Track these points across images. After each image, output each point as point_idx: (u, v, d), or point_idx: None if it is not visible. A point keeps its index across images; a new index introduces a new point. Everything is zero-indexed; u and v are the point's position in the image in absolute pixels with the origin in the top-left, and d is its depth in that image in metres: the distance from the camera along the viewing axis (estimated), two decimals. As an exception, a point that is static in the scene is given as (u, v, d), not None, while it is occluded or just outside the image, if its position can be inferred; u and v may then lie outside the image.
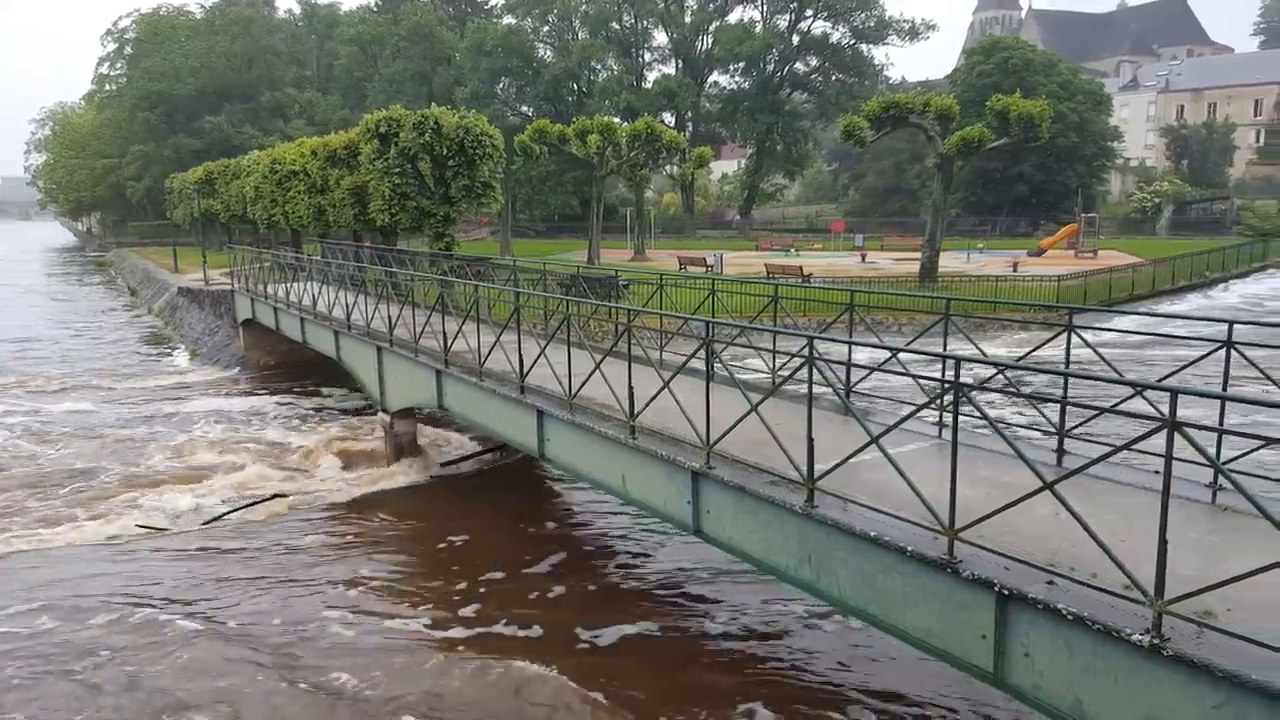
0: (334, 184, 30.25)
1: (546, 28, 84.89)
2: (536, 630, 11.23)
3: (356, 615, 11.70)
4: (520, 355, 11.84)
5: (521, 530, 14.69)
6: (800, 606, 11.49)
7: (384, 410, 17.26)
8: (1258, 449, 7.10)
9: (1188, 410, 5.00)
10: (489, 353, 12.75)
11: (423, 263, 23.88)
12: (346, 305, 18.52)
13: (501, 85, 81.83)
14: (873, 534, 6.91)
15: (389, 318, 16.26)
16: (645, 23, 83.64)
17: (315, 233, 33.81)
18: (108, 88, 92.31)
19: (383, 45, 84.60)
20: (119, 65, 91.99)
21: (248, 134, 75.23)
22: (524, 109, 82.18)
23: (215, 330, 32.21)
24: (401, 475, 17.00)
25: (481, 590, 12.40)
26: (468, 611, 11.77)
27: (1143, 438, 5.37)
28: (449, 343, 13.96)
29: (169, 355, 32.22)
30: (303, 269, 23.42)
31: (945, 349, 8.56)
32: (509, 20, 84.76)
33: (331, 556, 13.74)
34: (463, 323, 13.70)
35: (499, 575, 12.90)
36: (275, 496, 16.15)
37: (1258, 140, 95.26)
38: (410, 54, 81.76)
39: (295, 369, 26.34)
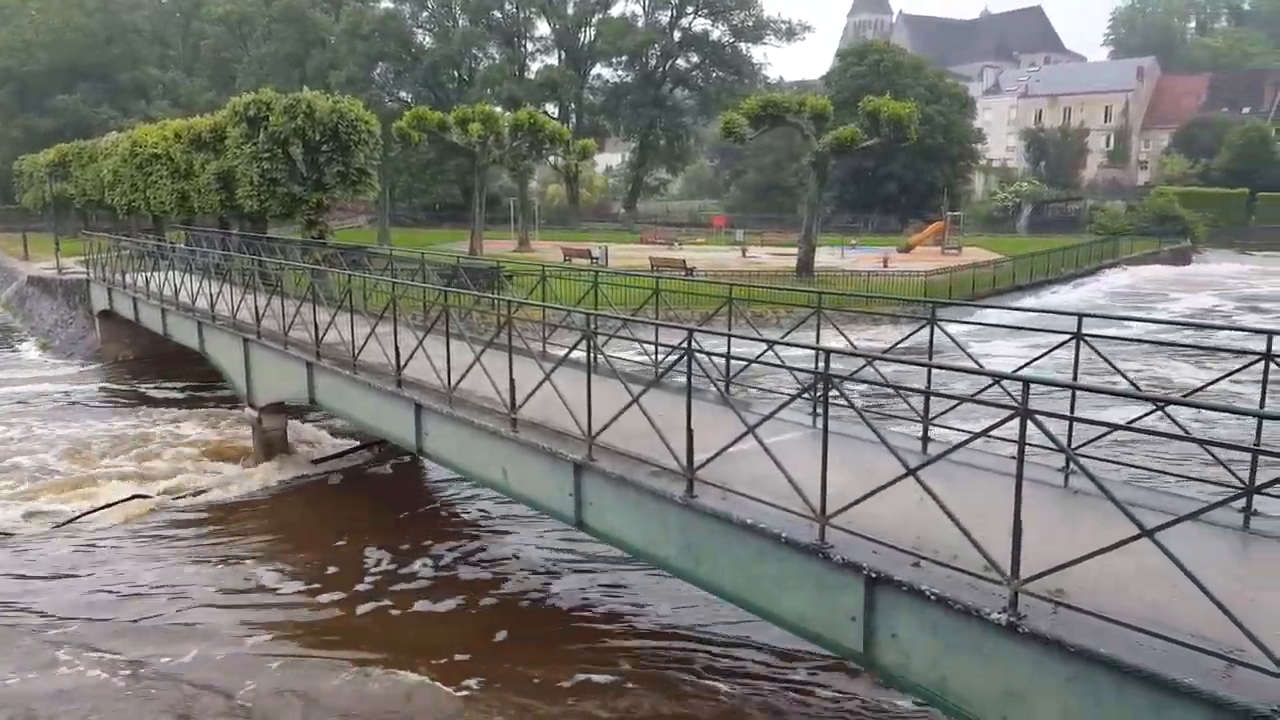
0: (199, 168, 28.84)
1: (426, 13, 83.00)
2: (412, 631, 11.01)
3: (219, 621, 11.21)
4: (397, 347, 11.55)
5: (398, 528, 14.35)
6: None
7: (251, 406, 16.56)
8: (1105, 435, 7.56)
9: (1048, 399, 5.26)
10: (364, 344, 12.39)
11: (294, 251, 23.04)
12: (211, 295, 17.69)
13: (379, 70, 79.58)
14: (749, 522, 7.03)
15: (256, 308, 15.62)
16: (527, 12, 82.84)
17: (179, 219, 32.21)
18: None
19: (253, 26, 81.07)
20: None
21: (106, 114, 70.77)
22: (402, 95, 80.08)
23: (69, 322, 30.31)
24: (271, 474, 16.32)
25: (356, 591, 12.05)
26: (340, 614, 11.43)
27: (998, 425, 5.63)
28: (321, 334, 13.50)
29: (15, 349, 30.13)
30: (165, 257, 22.26)
31: (819, 341, 8.80)
32: (386, 4, 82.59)
33: (195, 560, 13.12)
34: (335, 313, 13.26)
35: (374, 575, 12.57)
36: (134, 498, 15.29)
37: (1107, 144, 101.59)
38: (282, 35, 78.62)
39: (157, 363, 25.08)
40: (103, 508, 14.83)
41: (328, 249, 22.76)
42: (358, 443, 17.92)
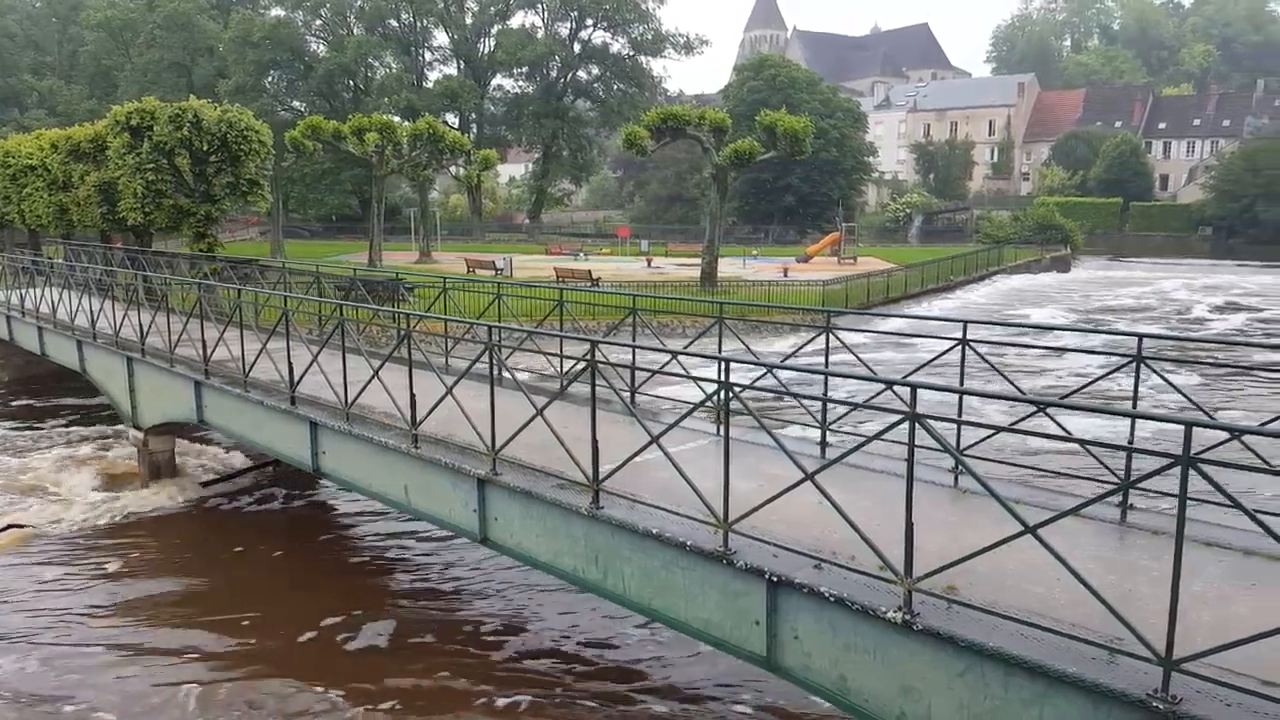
0: (78, 180, 27.57)
1: (319, 21, 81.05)
2: (309, 651, 10.69)
3: (108, 653, 10.67)
4: (290, 363, 11.22)
5: (294, 550, 13.94)
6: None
7: (136, 427, 15.84)
8: (989, 436, 7.87)
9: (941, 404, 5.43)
10: (255, 361, 12.00)
11: (181, 265, 22.20)
12: (92, 312, 16.89)
13: (270, 79, 77.37)
14: (655, 531, 7.06)
15: (140, 325, 14.97)
16: (425, 22, 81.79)
17: (57, 233, 30.72)
18: None
19: (136, 32, 77.77)
20: None
21: (-25, 123, 67.16)
22: (296, 104, 78.06)
23: (-67, 343, 28.50)
24: (160, 498, 15.65)
25: (248, 616, 11.63)
26: (233, 642, 11.02)
27: (889, 428, 5.80)
28: (209, 351, 13.01)
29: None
30: (41, 273, 21.17)
31: (720, 351, 8.92)
32: (277, 12, 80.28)
33: (79, 592, 12.45)
34: (224, 329, 12.81)
35: (268, 600, 12.16)
36: (10, 528, 14.45)
37: (992, 157, 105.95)
38: (167, 43, 75.67)
39: (34, 385, 23.83)
40: (-26, 539, 13.96)
41: (217, 262, 21.99)
42: (252, 462, 17.34)
